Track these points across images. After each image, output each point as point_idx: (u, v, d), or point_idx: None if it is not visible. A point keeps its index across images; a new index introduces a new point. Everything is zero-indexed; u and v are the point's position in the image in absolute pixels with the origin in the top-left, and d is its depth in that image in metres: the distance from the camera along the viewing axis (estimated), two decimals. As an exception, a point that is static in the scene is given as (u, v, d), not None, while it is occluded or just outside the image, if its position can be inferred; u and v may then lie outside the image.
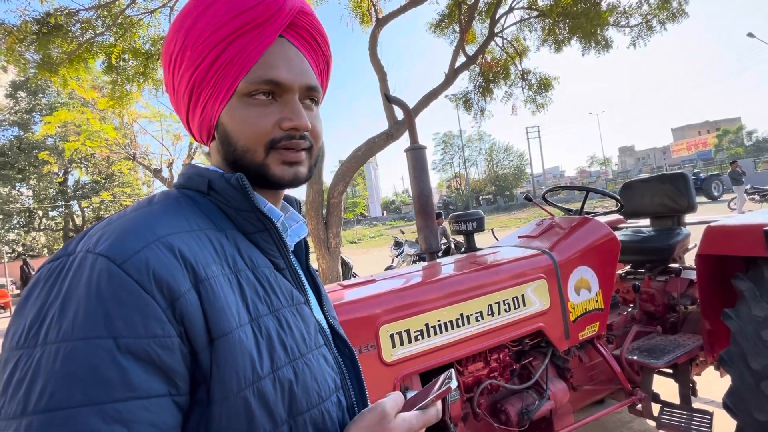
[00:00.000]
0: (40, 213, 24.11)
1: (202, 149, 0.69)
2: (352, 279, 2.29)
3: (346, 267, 8.38)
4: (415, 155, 2.31)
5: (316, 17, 0.64)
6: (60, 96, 19.77)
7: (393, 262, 9.74)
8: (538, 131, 46.19)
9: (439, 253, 2.40)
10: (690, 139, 59.96)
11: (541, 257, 2.01)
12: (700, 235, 2.17)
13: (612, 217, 3.29)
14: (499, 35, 7.27)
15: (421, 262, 3.87)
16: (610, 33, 7.01)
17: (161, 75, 5.89)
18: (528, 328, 1.89)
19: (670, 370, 2.48)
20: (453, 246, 7.86)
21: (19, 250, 23.77)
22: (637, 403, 2.22)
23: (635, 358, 2.30)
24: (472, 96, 7.94)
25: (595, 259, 2.12)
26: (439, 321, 1.66)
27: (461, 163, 46.70)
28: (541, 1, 6.99)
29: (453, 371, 0.63)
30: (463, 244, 2.82)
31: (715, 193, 19.60)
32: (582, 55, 7.26)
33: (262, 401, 0.49)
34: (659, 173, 3.16)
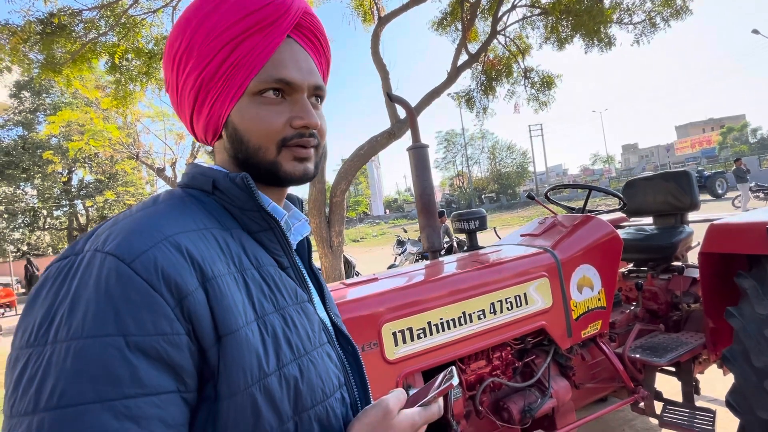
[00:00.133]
0: (45, 212, 24.21)
1: (205, 148, 0.69)
2: (355, 277, 2.29)
3: (348, 265, 8.40)
4: (418, 154, 2.31)
5: (318, 18, 0.65)
6: (64, 96, 19.82)
7: (396, 261, 9.74)
8: (541, 129, 45.94)
9: (441, 251, 2.40)
10: (694, 137, 59.53)
11: (543, 255, 2.01)
12: (704, 233, 2.17)
13: (615, 215, 3.28)
14: (502, 33, 7.25)
15: (424, 261, 3.87)
16: (613, 30, 6.99)
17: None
18: (530, 327, 1.89)
19: (672, 369, 2.48)
20: (455, 244, 7.85)
21: (24, 249, 23.87)
22: (640, 401, 2.22)
23: (638, 356, 2.30)
24: (474, 94, 7.94)
25: (597, 257, 2.11)
26: (441, 319, 1.66)
27: (464, 161, 46.68)
28: (544, -1, 6.98)
29: (454, 368, 0.63)
30: (466, 242, 2.82)
31: (720, 191, 19.50)
32: (585, 52, 7.25)
33: (269, 398, 0.49)
34: (662, 171, 3.15)
